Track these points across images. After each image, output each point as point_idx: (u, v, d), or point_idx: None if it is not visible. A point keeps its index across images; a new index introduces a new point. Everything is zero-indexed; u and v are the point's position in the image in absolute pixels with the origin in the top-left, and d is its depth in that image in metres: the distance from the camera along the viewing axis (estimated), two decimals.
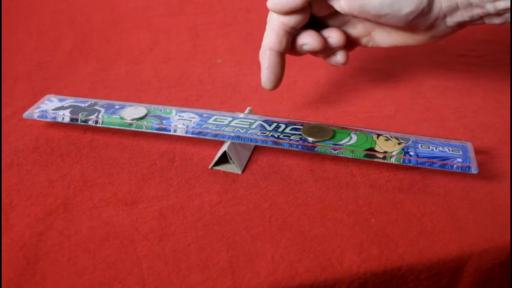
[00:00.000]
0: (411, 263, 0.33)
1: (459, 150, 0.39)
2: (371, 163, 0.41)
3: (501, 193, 0.38)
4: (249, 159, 0.42)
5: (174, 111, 0.44)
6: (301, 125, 0.42)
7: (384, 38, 0.44)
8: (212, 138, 0.41)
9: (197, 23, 0.65)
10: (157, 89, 0.53)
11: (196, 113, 0.44)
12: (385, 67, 0.57)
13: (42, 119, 0.44)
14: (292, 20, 0.41)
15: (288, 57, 0.57)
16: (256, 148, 0.43)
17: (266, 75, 0.43)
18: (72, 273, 0.32)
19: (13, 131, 0.45)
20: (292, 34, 0.43)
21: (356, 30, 0.45)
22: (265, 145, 0.40)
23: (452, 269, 0.34)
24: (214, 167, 0.41)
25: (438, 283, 0.34)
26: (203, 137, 0.41)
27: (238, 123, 0.42)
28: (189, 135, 0.41)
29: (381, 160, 0.39)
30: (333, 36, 0.44)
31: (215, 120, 0.42)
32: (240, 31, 0.65)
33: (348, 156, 0.39)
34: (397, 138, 0.40)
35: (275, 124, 0.42)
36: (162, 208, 0.37)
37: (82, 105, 0.45)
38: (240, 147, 0.41)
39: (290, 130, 0.41)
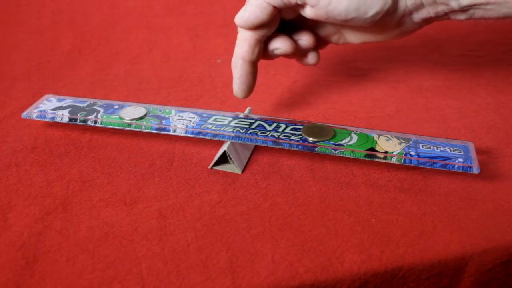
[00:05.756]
0: (412, 263, 0.33)
1: (460, 150, 0.39)
2: (372, 163, 0.41)
3: (503, 193, 0.38)
4: (249, 159, 0.42)
5: (173, 111, 0.44)
6: (301, 125, 0.41)
7: (353, 36, 0.45)
8: (212, 138, 0.41)
9: (197, 23, 0.65)
10: (157, 89, 0.53)
11: (195, 113, 0.43)
12: (385, 67, 0.57)
13: (41, 119, 0.44)
14: (263, 30, 0.42)
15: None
16: (256, 148, 0.43)
17: (238, 85, 0.44)
18: (71, 273, 0.32)
19: (12, 131, 0.45)
20: (264, 41, 0.43)
21: (325, 30, 0.45)
22: (265, 145, 0.40)
23: (453, 269, 0.34)
24: (214, 167, 0.41)
25: (439, 283, 0.34)
26: (202, 137, 0.41)
27: (238, 123, 0.42)
28: (189, 135, 0.41)
29: (381, 160, 0.38)
30: (303, 38, 0.44)
31: (215, 120, 0.42)
32: None
33: (349, 156, 0.39)
34: (398, 138, 0.40)
35: (275, 124, 0.42)
36: (161, 208, 0.37)
37: (81, 105, 0.45)
38: (240, 147, 0.41)
39: (290, 130, 0.41)
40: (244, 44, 0.42)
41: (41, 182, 0.39)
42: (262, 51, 0.44)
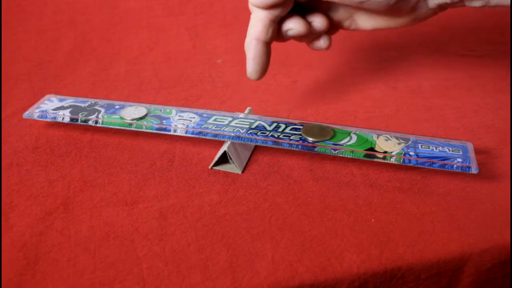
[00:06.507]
0: (411, 263, 0.33)
1: (459, 150, 0.39)
2: (371, 163, 0.41)
3: (501, 193, 0.38)
4: (249, 159, 0.42)
5: (174, 111, 0.44)
6: (301, 125, 0.42)
7: (366, 21, 0.45)
8: (212, 138, 0.41)
9: (197, 23, 0.65)
10: (157, 89, 0.53)
11: (196, 113, 0.44)
12: (385, 67, 0.57)
13: (42, 119, 0.44)
14: (278, 10, 0.41)
15: (288, 58, 0.57)
16: (256, 148, 0.43)
17: (252, 66, 0.43)
18: (72, 273, 0.32)
19: (13, 131, 0.45)
20: (277, 22, 0.43)
21: (338, 14, 0.45)
22: (265, 145, 0.40)
23: (452, 269, 0.34)
24: (214, 167, 0.41)
25: (438, 283, 0.34)
26: (203, 137, 0.41)
27: (238, 123, 0.42)
28: (189, 135, 0.41)
29: (381, 160, 0.39)
30: (317, 20, 0.44)
31: (215, 120, 0.42)
32: (240, 31, 0.64)
33: (348, 156, 0.39)
34: (397, 138, 0.40)
35: (275, 124, 0.42)
36: (162, 208, 0.37)
37: (82, 105, 0.45)
38: (240, 147, 0.41)
39: (290, 130, 0.41)
40: (258, 24, 0.42)
41: (42, 182, 0.39)
42: (276, 32, 0.43)
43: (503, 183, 0.39)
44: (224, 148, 0.40)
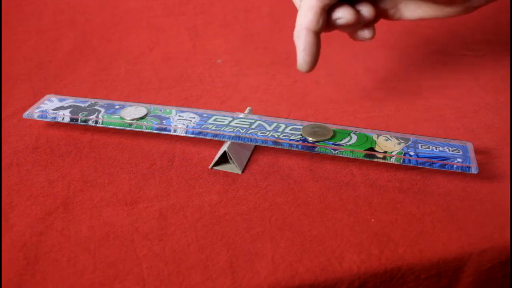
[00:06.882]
0: (411, 263, 0.33)
1: (459, 150, 0.39)
2: (371, 163, 0.41)
3: (501, 193, 0.38)
4: (249, 159, 0.42)
5: (174, 111, 0.44)
6: (301, 125, 0.42)
7: (413, 10, 0.43)
8: (212, 138, 0.41)
9: (197, 23, 0.65)
10: (157, 89, 0.53)
11: (196, 113, 0.44)
12: (385, 67, 0.57)
13: (42, 119, 0.44)
14: None
15: (288, 58, 0.57)
16: (256, 148, 0.43)
17: (303, 57, 0.41)
18: (72, 273, 0.32)
19: (13, 131, 0.45)
20: (327, 11, 0.42)
21: (385, 2, 0.44)
22: (265, 145, 0.40)
23: (452, 269, 0.34)
24: (214, 167, 0.41)
25: (438, 283, 0.34)
26: (203, 137, 0.41)
27: (238, 123, 0.42)
28: (189, 135, 0.41)
29: (381, 160, 0.39)
30: (364, 9, 0.42)
31: (215, 120, 0.42)
32: (240, 31, 0.65)
33: (348, 156, 0.39)
34: (397, 138, 0.40)
35: (275, 124, 0.42)
36: (162, 208, 0.37)
37: (82, 105, 0.45)
38: (240, 147, 0.41)
39: (290, 130, 0.41)
40: (308, 13, 0.40)
41: (42, 182, 0.39)
42: (326, 21, 0.42)
43: (503, 183, 0.39)
44: (224, 148, 0.40)
